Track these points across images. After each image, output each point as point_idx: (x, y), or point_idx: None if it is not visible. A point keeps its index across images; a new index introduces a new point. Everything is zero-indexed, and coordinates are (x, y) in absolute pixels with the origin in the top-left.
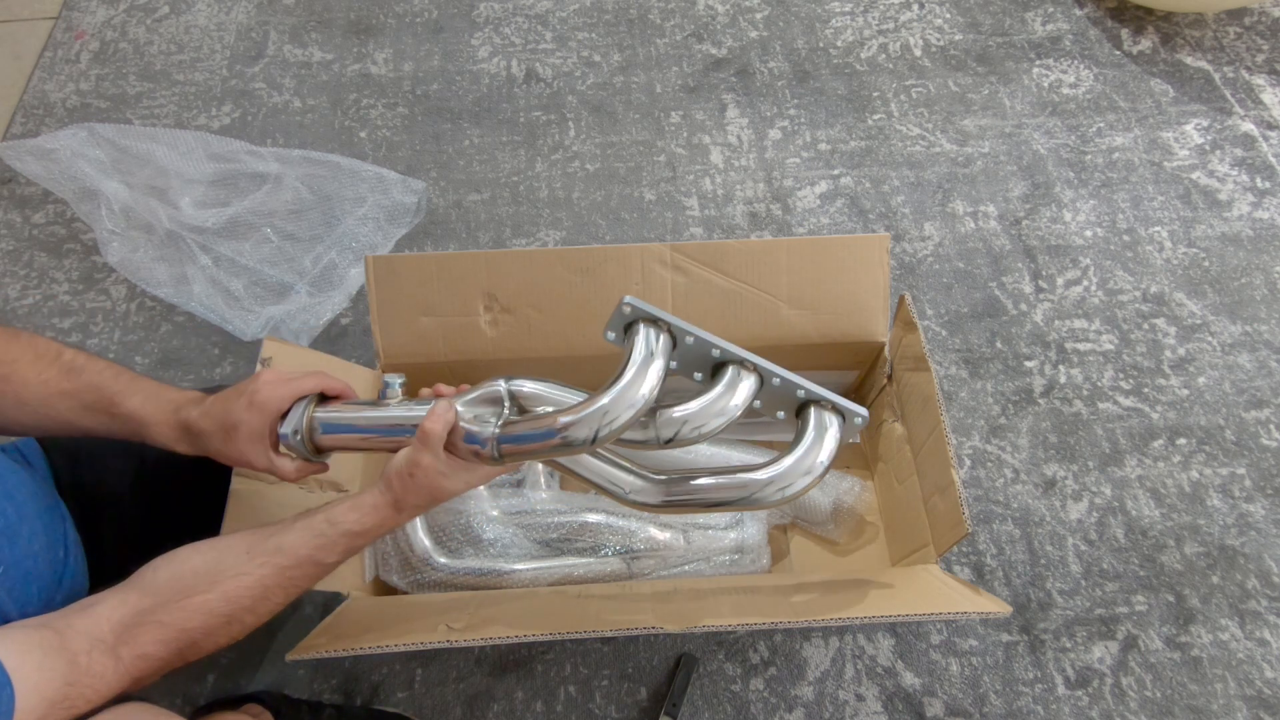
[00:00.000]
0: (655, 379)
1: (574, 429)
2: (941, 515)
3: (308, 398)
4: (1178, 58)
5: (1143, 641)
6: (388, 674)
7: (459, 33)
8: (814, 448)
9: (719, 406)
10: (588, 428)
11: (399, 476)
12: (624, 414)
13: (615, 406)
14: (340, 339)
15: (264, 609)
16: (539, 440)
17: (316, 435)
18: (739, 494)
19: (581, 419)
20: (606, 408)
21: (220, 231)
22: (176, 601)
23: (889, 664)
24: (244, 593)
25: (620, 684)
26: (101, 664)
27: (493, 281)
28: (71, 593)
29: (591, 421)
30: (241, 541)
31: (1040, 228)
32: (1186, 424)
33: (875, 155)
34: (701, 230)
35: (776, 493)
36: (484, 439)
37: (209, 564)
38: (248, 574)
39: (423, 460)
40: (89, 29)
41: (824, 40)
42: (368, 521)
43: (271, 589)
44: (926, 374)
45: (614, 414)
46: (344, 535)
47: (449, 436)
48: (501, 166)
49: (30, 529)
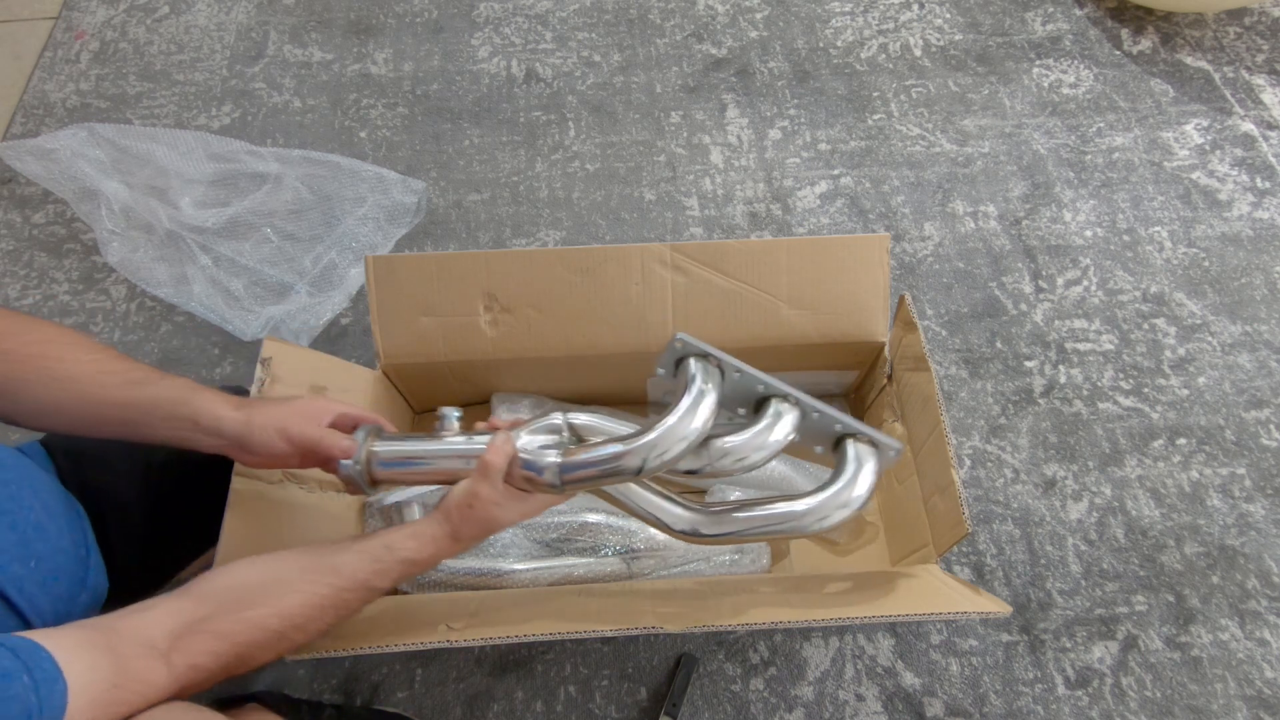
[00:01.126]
0: (708, 412)
1: (630, 458)
2: (941, 515)
3: (366, 428)
4: (1178, 58)
5: (1143, 641)
6: (388, 674)
7: (459, 33)
8: (851, 482)
9: (761, 440)
10: (639, 457)
11: (458, 508)
12: (676, 446)
13: (668, 439)
14: (340, 339)
15: (314, 628)
16: (596, 468)
17: (375, 468)
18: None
19: (637, 449)
20: (662, 438)
21: (220, 231)
22: (232, 613)
23: (889, 664)
24: (298, 610)
25: (620, 684)
26: (151, 669)
27: (493, 281)
28: (96, 591)
29: (647, 450)
30: (298, 559)
31: (1040, 228)
32: (1186, 424)
33: (875, 155)
34: (701, 230)
35: (815, 523)
36: (543, 467)
37: (266, 579)
38: (303, 592)
39: (481, 491)
40: (89, 29)
41: (824, 40)
42: (425, 551)
43: (325, 609)
44: (926, 374)
45: (666, 446)
46: (400, 563)
47: (508, 467)
48: (501, 166)
49: (57, 526)
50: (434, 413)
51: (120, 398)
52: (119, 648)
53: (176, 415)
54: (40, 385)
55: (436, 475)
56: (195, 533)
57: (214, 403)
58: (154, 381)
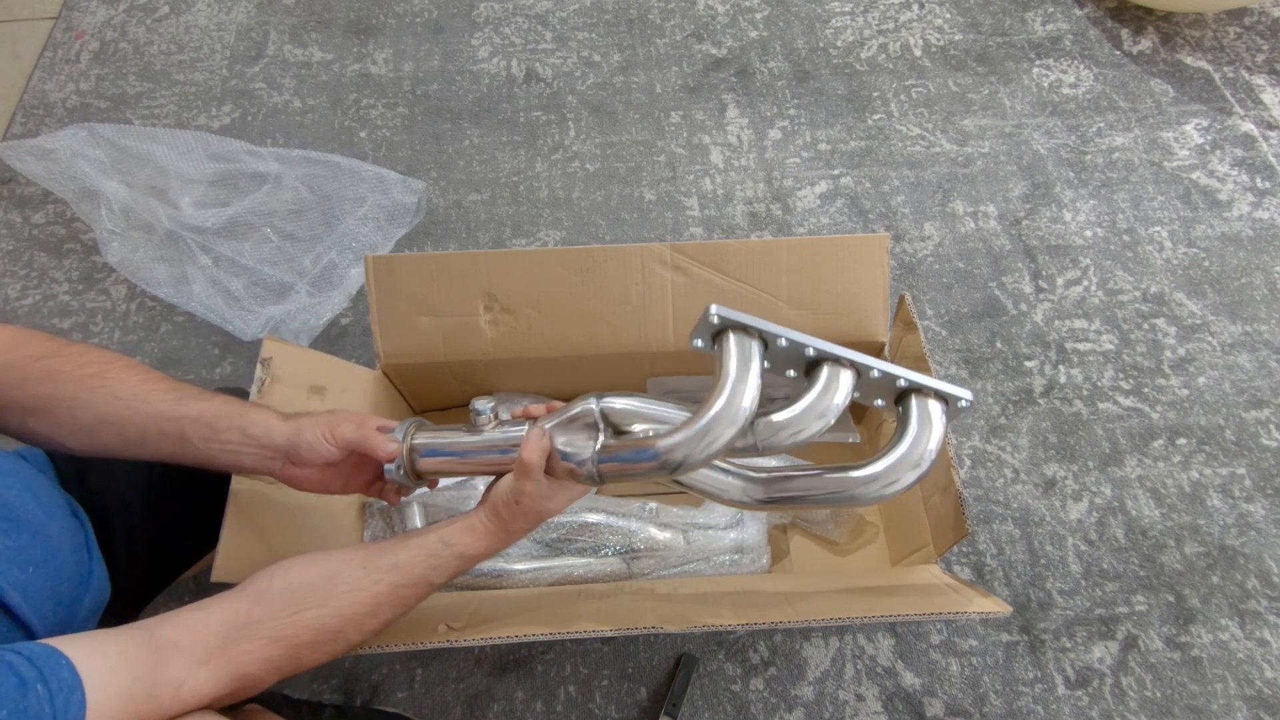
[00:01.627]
0: (754, 390)
1: (675, 452)
2: (941, 515)
3: (410, 421)
4: (1178, 58)
5: (1143, 641)
6: (388, 674)
7: (459, 33)
8: (919, 439)
9: (820, 408)
10: (687, 449)
11: (505, 505)
12: (726, 432)
13: (716, 425)
14: (340, 339)
15: (370, 626)
16: (638, 462)
17: (418, 460)
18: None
19: (682, 441)
20: (708, 427)
21: (220, 231)
22: (289, 615)
23: (889, 664)
24: (357, 607)
25: (620, 684)
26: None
27: (493, 281)
28: (98, 596)
29: (692, 443)
30: (356, 556)
31: (1040, 228)
32: (1186, 424)
33: (875, 155)
34: (701, 230)
35: (884, 488)
36: (581, 460)
37: (325, 576)
38: (363, 589)
39: (526, 489)
40: (89, 29)
41: (824, 40)
42: (480, 545)
43: (383, 605)
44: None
45: (715, 433)
46: (457, 557)
47: (547, 462)
48: (501, 166)
49: (58, 531)
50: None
51: (173, 411)
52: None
53: (228, 426)
54: (100, 402)
55: (478, 466)
56: (197, 536)
57: (263, 413)
58: (205, 397)
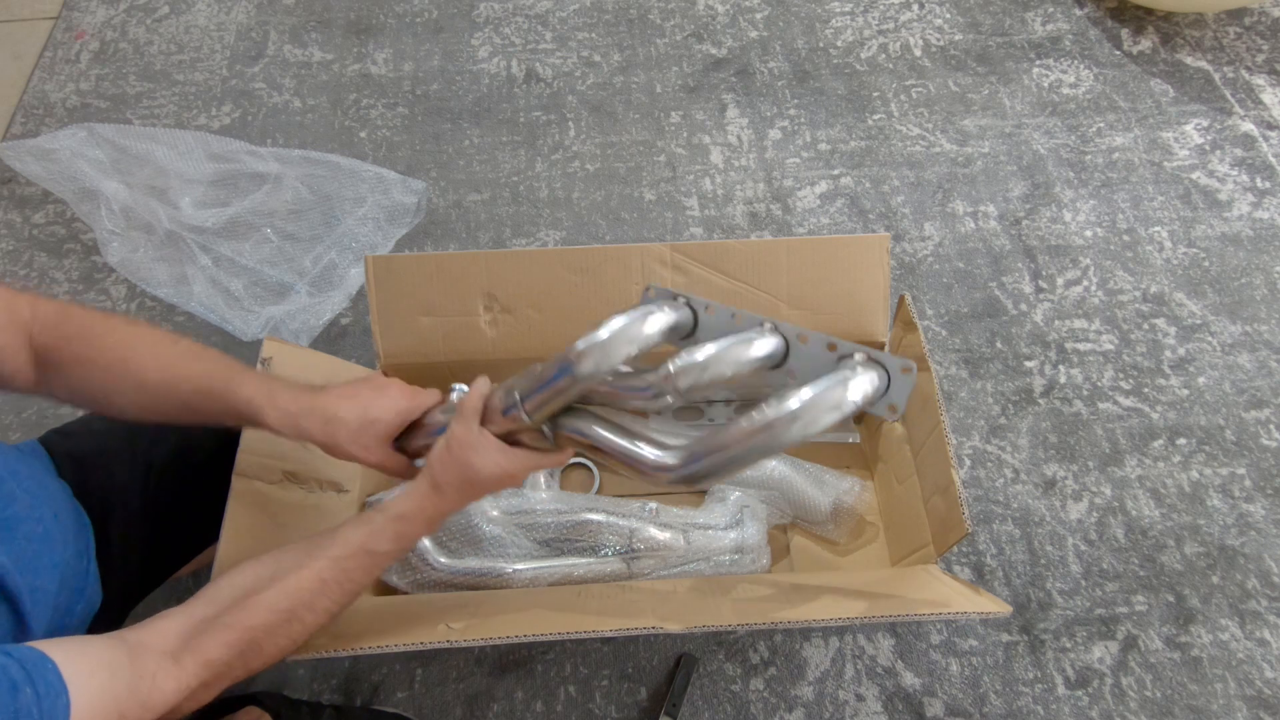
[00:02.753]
0: (658, 325)
1: (584, 361)
2: (941, 515)
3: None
4: (1178, 58)
5: (1143, 641)
6: (388, 674)
7: (459, 33)
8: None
9: (734, 356)
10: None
11: (437, 455)
12: (625, 349)
13: (620, 336)
14: (340, 339)
15: (322, 605)
16: (556, 380)
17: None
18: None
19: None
20: (613, 338)
21: (220, 231)
22: (239, 603)
23: (889, 664)
24: (303, 586)
25: (620, 684)
26: (162, 675)
27: (493, 281)
28: (90, 603)
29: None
30: (299, 544)
31: (1040, 228)
32: (1186, 424)
33: (875, 155)
34: (701, 230)
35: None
36: (513, 403)
37: (268, 565)
38: (304, 566)
39: (456, 431)
40: (89, 29)
41: (824, 40)
42: (411, 503)
43: (328, 582)
44: (926, 374)
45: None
46: (390, 520)
47: (486, 410)
48: (501, 166)
49: (63, 534)
50: None
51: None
52: (132, 660)
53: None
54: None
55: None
56: (193, 532)
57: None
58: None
